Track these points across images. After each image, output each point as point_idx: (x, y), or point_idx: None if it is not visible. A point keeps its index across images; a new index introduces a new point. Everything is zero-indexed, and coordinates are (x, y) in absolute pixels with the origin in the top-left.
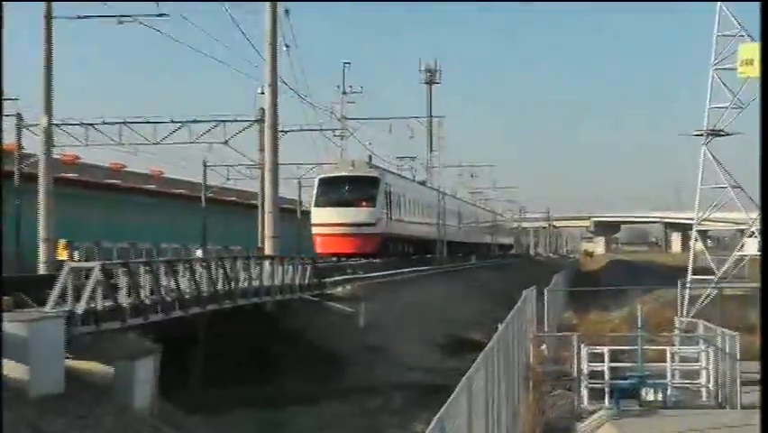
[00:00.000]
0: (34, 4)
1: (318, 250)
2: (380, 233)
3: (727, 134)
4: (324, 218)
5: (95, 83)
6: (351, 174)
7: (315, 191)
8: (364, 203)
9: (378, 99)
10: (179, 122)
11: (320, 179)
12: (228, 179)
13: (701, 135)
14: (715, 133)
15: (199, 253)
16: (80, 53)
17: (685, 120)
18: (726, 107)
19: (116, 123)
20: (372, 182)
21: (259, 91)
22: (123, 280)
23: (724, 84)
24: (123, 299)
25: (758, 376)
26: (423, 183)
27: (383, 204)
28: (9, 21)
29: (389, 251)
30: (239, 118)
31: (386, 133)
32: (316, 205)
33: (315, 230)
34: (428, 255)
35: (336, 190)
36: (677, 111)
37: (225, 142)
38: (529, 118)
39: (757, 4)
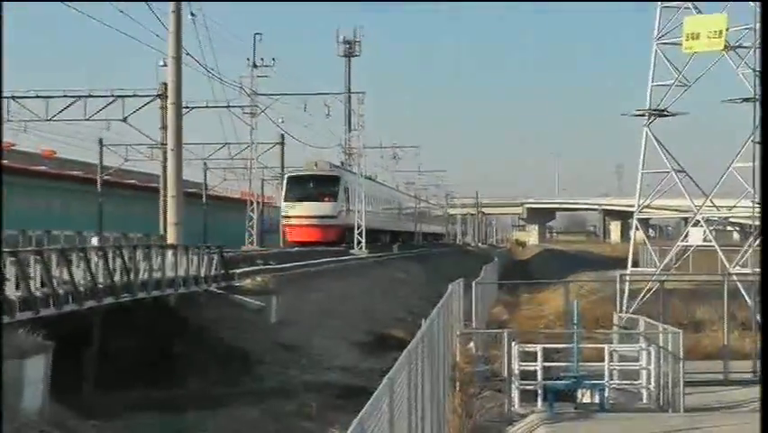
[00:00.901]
0: None
1: (288, 239)
2: (341, 224)
3: (671, 114)
4: (293, 211)
5: None
6: (315, 173)
7: (284, 187)
8: (327, 198)
9: (293, 74)
10: (73, 96)
11: (288, 177)
12: (127, 159)
13: (643, 115)
14: (658, 113)
15: (95, 241)
16: None
17: (628, 99)
18: (671, 85)
19: (3, 97)
20: (334, 180)
21: (161, 63)
22: (10, 271)
23: (667, 60)
24: (11, 292)
25: (702, 376)
26: (371, 178)
27: (343, 199)
28: None
29: (347, 239)
30: (139, 93)
31: (301, 110)
32: (286, 200)
33: (284, 221)
34: (343, 244)
35: (303, 187)
36: (619, 89)
37: (124, 120)
38: (457, 97)
39: (757, 5)
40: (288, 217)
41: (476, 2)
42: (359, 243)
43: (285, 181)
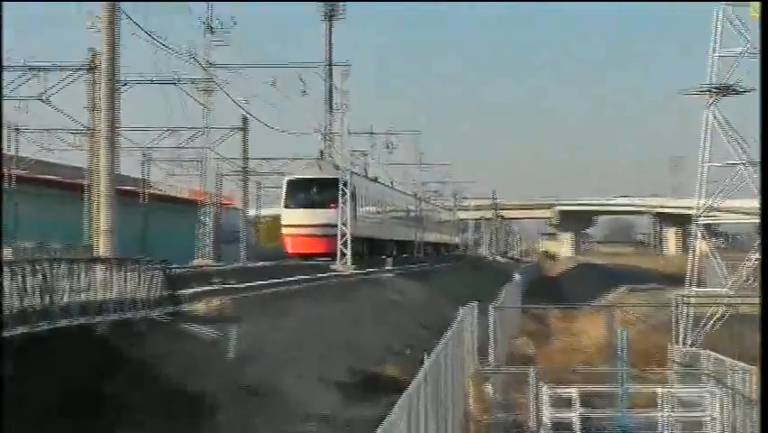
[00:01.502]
0: None
1: (289, 250)
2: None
3: (740, 92)
4: (294, 220)
5: None
6: (318, 177)
7: (283, 192)
8: (332, 205)
9: (260, 41)
10: None
11: (288, 181)
12: (46, 148)
13: (705, 93)
14: (724, 91)
15: (5, 253)
16: None
17: (683, 75)
18: (739, 56)
19: None
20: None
21: (88, 24)
22: None
23: (735, 26)
24: None
25: None
26: (375, 180)
27: (351, 205)
28: None
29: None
30: (62, 65)
31: (269, 86)
32: (286, 206)
33: (285, 231)
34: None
35: (305, 192)
36: (671, 63)
37: (43, 99)
38: (467, 76)
39: (757, 5)
40: (289, 226)
41: None
42: (343, 255)
43: (284, 185)
